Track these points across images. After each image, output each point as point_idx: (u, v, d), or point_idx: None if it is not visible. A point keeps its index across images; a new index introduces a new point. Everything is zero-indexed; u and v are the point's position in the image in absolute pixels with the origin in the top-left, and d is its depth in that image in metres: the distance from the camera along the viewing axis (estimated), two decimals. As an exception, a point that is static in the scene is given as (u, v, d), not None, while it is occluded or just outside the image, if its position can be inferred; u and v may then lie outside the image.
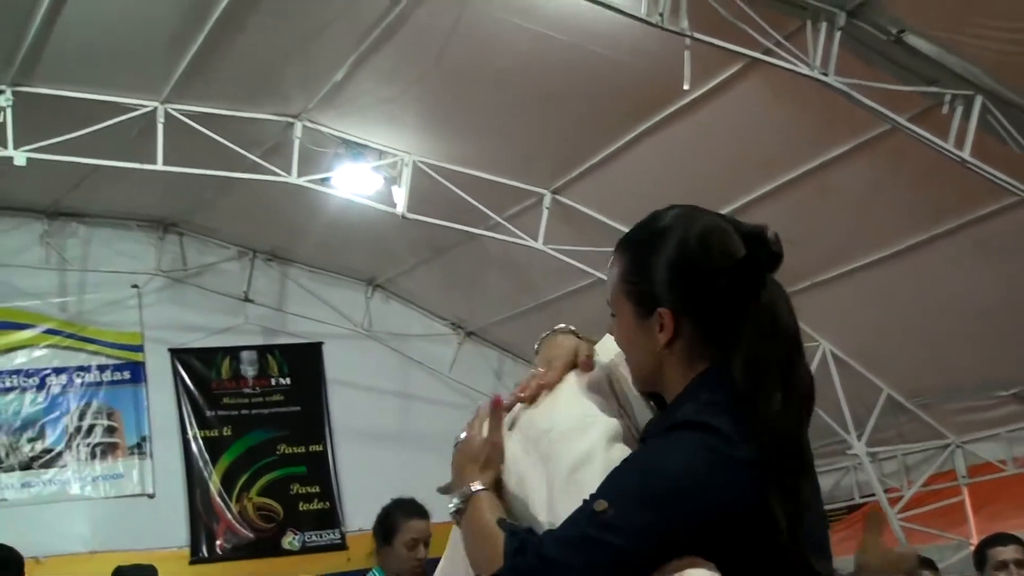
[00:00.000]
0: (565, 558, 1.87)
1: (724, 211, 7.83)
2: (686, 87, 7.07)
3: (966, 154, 6.98)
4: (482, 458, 2.14)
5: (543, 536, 1.93)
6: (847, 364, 9.44)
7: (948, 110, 7.03)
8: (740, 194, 8.50)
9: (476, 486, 2.10)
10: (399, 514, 5.15)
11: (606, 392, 2.18)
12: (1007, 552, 5.54)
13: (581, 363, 2.19)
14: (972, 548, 8.97)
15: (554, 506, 1.99)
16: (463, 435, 2.21)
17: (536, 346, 2.31)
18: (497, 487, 2.11)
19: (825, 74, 6.75)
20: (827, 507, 9.37)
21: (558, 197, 9.37)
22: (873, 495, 9.75)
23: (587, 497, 1.92)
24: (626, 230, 7.96)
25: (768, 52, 6.85)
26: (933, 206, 8.05)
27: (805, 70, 6.78)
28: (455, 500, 2.12)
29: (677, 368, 2.04)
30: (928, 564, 5.40)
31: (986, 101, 7.01)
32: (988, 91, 7.04)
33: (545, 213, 9.41)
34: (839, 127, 7.73)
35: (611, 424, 2.09)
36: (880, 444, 9.76)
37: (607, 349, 2.23)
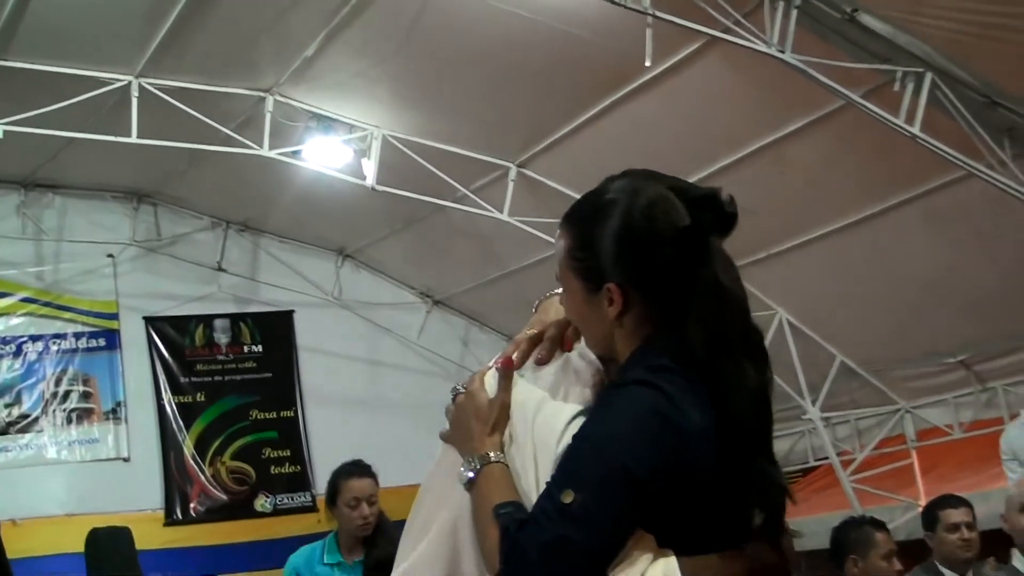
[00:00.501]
0: (549, 565, 1.88)
1: (683, 184, 7.80)
2: (648, 63, 7.25)
3: (916, 129, 7.10)
4: (491, 420, 2.08)
5: (526, 535, 1.90)
6: (802, 332, 9.64)
7: (899, 87, 7.17)
8: (700, 167, 8.68)
9: (493, 454, 2.04)
10: (339, 476, 5.19)
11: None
12: (959, 514, 5.63)
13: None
14: (920, 509, 9.27)
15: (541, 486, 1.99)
16: (462, 387, 2.16)
17: (533, 308, 2.29)
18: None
19: (782, 51, 6.86)
20: (783, 469, 9.60)
21: (523, 170, 9.55)
22: (826, 458, 9.97)
23: (548, 479, 1.94)
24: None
25: (727, 30, 6.99)
26: (885, 179, 8.23)
27: (763, 47, 6.89)
28: (468, 467, 2.05)
29: (629, 339, 2.03)
30: (879, 525, 5.57)
31: (936, 78, 7.15)
32: (938, 69, 7.18)
33: (511, 185, 9.57)
34: (795, 103, 7.90)
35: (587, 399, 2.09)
36: (833, 409, 9.99)
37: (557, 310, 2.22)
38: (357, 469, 5.21)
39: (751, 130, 8.34)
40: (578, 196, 7.63)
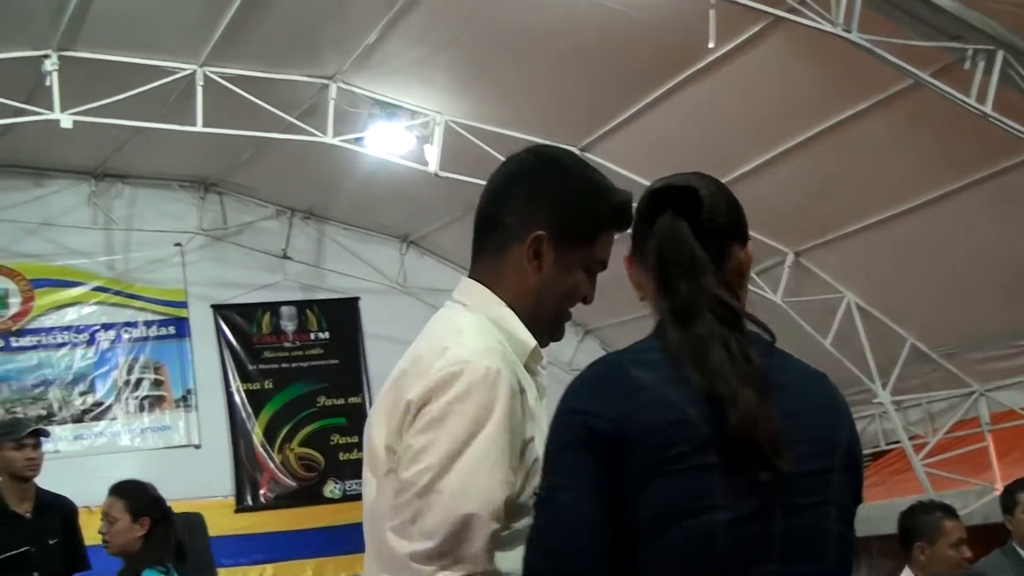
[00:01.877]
0: (533, 568, 1.89)
1: (749, 166, 8.13)
2: (711, 45, 7.19)
3: (988, 108, 7.01)
4: None
5: (530, 534, 1.92)
6: (871, 315, 9.54)
7: (970, 65, 7.06)
8: (764, 149, 8.64)
9: None
10: None
11: None
12: None
13: None
14: (996, 493, 9.13)
15: None
16: None
17: None
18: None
19: (848, 31, 6.78)
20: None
21: (586, 154, 9.50)
22: (898, 442, 9.87)
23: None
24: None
25: (792, 10, 6.90)
26: (955, 159, 8.11)
27: (828, 27, 6.82)
28: None
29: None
30: (949, 512, 5.48)
31: (1007, 56, 7.05)
32: (1009, 46, 7.07)
33: (575, 169, 9.53)
34: (861, 83, 7.80)
35: None
36: (905, 393, 9.85)
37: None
38: None
39: (816, 111, 8.24)
40: (641, 180, 7.62)
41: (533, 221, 2.24)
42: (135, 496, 5.41)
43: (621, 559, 1.86)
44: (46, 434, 6.61)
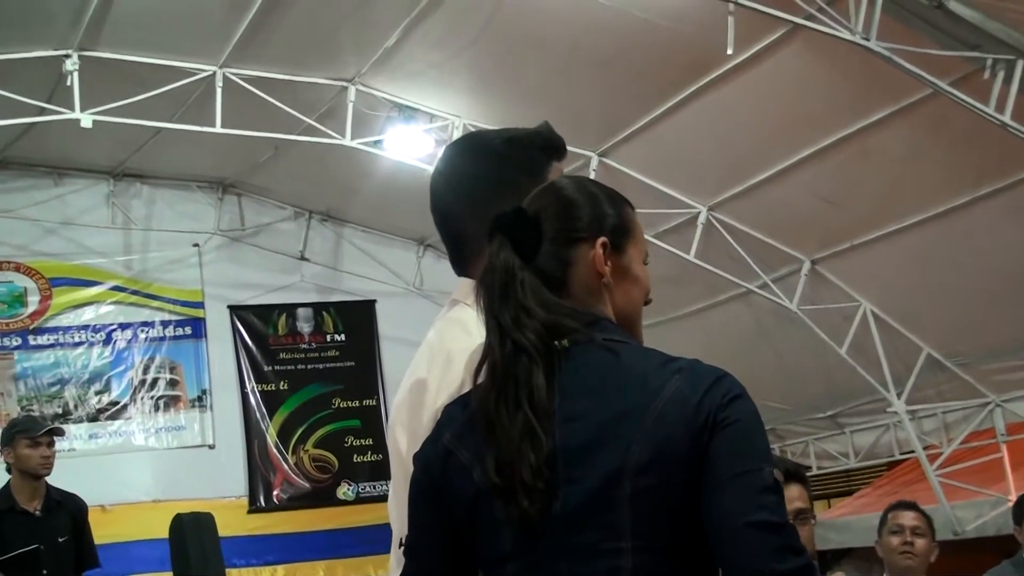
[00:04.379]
0: None
1: (766, 173, 8.08)
2: (729, 52, 7.16)
3: (1007, 118, 6.97)
4: None
5: None
6: (887, 324, 9.50)
7: (989, 75, 7.03)
8: (782, 157, 8.63)
9: None
10: None
11: None
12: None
13: None
14: (1010, 504, 9.09)
15: None
16: None
17: None
18: None
19: (867, 39, 6.76)
20: (868, 463, 9.47)
21: (604, 160, 9.51)
22: (912, 452, 9.81)
23: None
24: (670, 191, 8.27)
25: (810, 17, 6.89)
26: (973, 169, 8.07)
27: (847, 35, 6.80)
28: None
29: None
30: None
31: (1027, 66, 7.08)
32: (1029, 56, 7.10)
33: (592, 175, 9.55)
34: (880, 91, 7.78)
35: None
36: (920, 402, 9.78)
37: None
38: None
39: (834, 119, 8.22)
40: (659, 186, 7.54)
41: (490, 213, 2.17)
42: None
43: None
44: (61, 433, 6.65)
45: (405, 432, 2.18)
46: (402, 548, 2.04)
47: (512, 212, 1.99)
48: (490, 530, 1.86)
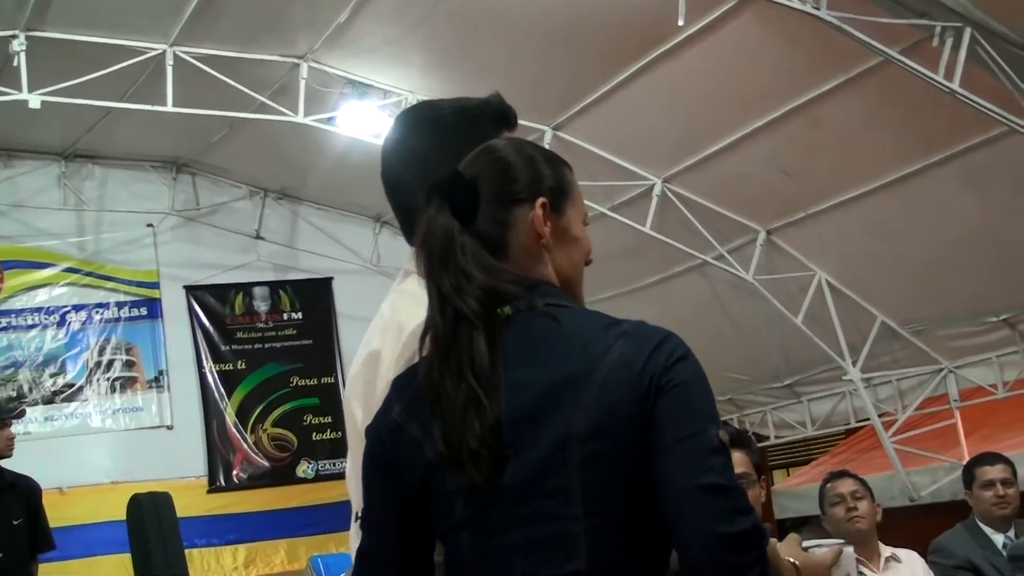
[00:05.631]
0: None
1: (720, 144, 8.12)
2: (681, 23, 7.17)
3: (956, 85, 6.99)
4: None
5: None
6: (842, 293, 9.57)
7: (938, 42, 7.04)
8: (735, 128, 8.66)
9: None
10: None
11: None
12: (994, 471, 5.66)
13: None
14: (963, 469, 9.22)
15: None
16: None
17: None
18: None
19: (817, 8, 6.76)
20: (825, 431, 9.55)
21: (559, 133, 9.51)
22: (868, 420, 9.92)
23: None
24: (624, 164, 8.29)
25: (761, -12, 6.98)
26: (923, 137, 8.13)
27: (797, 4, 6.77)
28: None
29: None
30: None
31: (975, 33, 7.02)
32: (977, 23, 7.04)
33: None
34: (831, 61, 7.82)
35: None
36: (875, 370, 9.89)
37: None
38: None
39: (787, 90, 8.26)
40: (614, 158, 7.53)
41: None
42: None
43: None
44: (22, 415, 6.60)
45: (360, 405, 2.19)
46: (358, 522, 2.05)
47: (449, 176, 1.98)
48: (443, 500, 1.87)
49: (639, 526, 1.80)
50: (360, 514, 2.04)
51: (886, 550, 5.22)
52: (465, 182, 1.97)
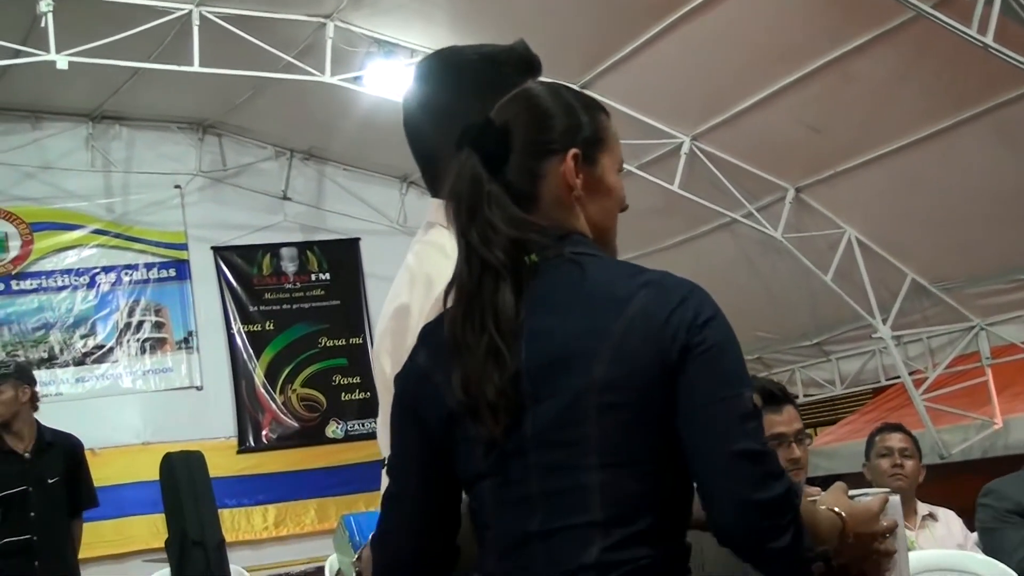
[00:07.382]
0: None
1: (750, 101, 8.06)
2: (711, -22, 7.16)
3: (989, 39, 6.93)
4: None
5: None
6: (872, 250, 9.50)
7: (971, -4, 7.05)
8: (764, 85, 8.58)
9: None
10: None
11: None
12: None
13: None
14: (996, 427, 9.16)
15: None
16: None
17: None
18: None
19: (849, -38, 6.78)
20: (853, 389, 9.50)
21: (585, 91, 9.43)
22: (898, 378, 9.87)
23: None
24: (652, 122, 8.23)
25: (791, -58, 6.91)
26: (956, 92, 8.03)
27: (827, -41, 6.83)
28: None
29: None
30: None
31: (1009, -13, 7.03)
32: (1012, -24, 7.05)
33: (574, 107, 9.48)
34: (862, 16, 7.73)
35: None
36: (905, 328, 9.83)
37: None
38: None
39: (817, 45, 8.17)
40: (641, 116, 7.48)
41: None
42: None
43: None
44: (7, 378, 6.50)
45: (389, 358, 2.18)
46: (384, 468, 2.05)
47: (480, 123, 1.95)
48: (465, 449, 1.88)
49: (657, 479, 1.80)
50: (385, 460, 2.05)
51: (923, 508, 5.19)
52: (496, 130, 1.94)
